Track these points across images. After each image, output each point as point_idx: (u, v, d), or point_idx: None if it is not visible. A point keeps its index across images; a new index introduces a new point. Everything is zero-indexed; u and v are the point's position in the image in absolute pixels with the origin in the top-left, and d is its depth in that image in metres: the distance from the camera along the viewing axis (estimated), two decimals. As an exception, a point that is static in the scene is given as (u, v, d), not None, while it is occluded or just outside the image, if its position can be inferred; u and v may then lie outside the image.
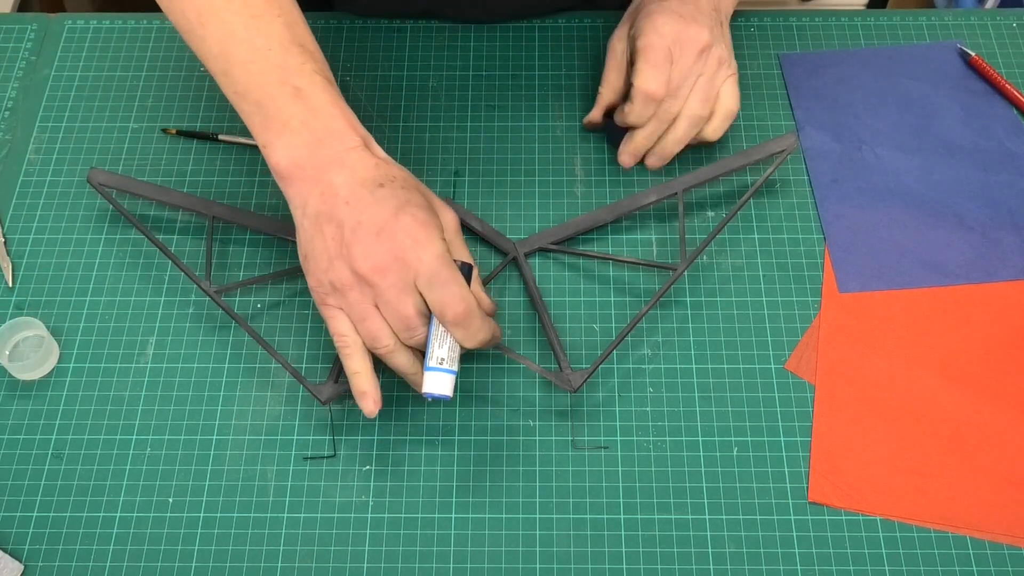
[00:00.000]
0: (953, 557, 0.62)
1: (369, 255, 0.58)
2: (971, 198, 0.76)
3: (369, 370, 0.62)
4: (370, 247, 0.58)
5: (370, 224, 0.59)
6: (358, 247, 0.58)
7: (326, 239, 0.59)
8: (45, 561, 0.63)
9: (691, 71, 0.72)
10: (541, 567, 0.63)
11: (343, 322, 0.61)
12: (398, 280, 0.59)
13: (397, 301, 0.59)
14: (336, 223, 0.59)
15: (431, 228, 0.59)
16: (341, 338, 0.61)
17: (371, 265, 0.58)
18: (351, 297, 0.60)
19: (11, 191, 0.77)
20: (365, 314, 0.60)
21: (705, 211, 0.76)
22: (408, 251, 0.58)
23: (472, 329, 0.60)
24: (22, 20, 0.87)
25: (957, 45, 0.84)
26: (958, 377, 0.68)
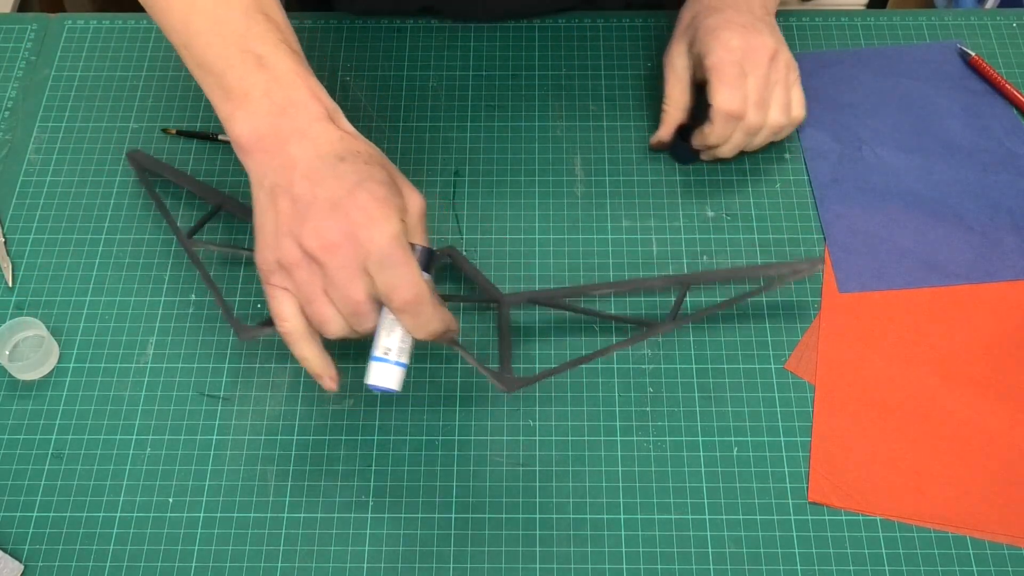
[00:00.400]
0: (953, 557, 0.62)
1: (319, 232, 0.55)
2: (971, 198, 0.76)
3: (318, 353, 0.59)
4: (321, 223, 0.55)
5: (325, 199, 0.55)
6: (309, 223, 0.55)
7: (278, 213, 0.56)
8: (45, 561, 0.63)
9: (767, 82, 0.71)
10: (541, 567, 0.63)
11: (287, 304, 0.58)
12: (348, 260, 0.55)
13: (346, 284, 0.55)
14: (291, 197, 0.56)
15: (389, 207, 0.55)
16: (283, 323, 0.58)
17: (320, 243, 0.55)
18: (298, 277, 0.56)
19: (11, 191, 0.77)
20: (312, 296, 0.56)
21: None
22: (361, 229, 0.54)
23: (422, 318, 0.57)
24: (22, 20, 0.87)
25: (957, 45, 0.84)
26: (958, 377, 0.68)
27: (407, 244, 0.56)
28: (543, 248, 0.74)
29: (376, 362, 0.58)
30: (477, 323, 0.71)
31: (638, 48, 0.84)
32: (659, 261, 0.73)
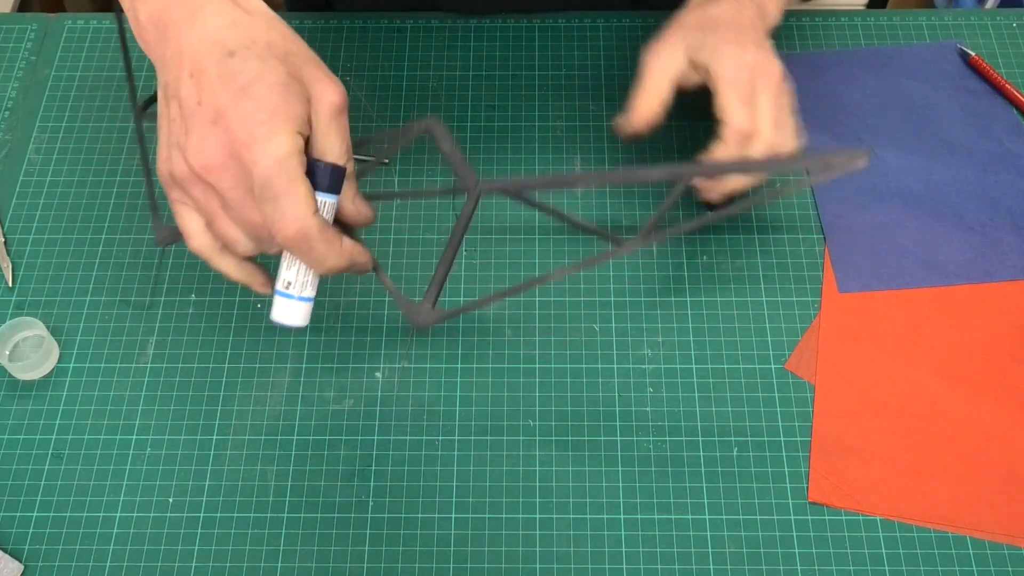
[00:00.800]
0: (953, 557, 0.62)
1: (201, 150, 0.49)
2: (971, 198, 0.76)
3: (234, 265, 0.55)
4: (203, 139, 0.49)
5: (208, 107, 0.49)
6: (192, 137, 0.49)
7: (170, 120, 0.51)
8: (45, 561, 0.63)
9: (779, 103, 0.67)
10: (541, 567, 0.63)
11: (191, 220, 0.53)
12: (237, 183, 0.49)
13: (240, 206, 0.50)
14: (178, 101, 0.50)
15: (276, 119, 0.49)
16: (191, 240, 0.54)
17: (203, 162, 0.49)
18: (194, 194, 0.51)
19: (11, 191, 0.77)
20: (212, 215, 0.52)
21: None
22: (243, 148, 0.48)
23: (315, 255, 0.51)
24: (22, 20, 0.87)
25: (957, 45, 0.84)
26: (958, 377, 0.68)
27: (295, 168, 0.49)
28: (543, 248, 0.74)
29: (278, 296, 0.54)
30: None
31: (638, 48, 0.84)
32: (659, 261, 0.73)
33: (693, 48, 0.68)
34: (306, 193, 0.50)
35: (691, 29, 0.70)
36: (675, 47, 0.69)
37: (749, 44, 0.67)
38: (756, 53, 0.67)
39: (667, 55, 0.69)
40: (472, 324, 0.71)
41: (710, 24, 0.69)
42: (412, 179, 0.78)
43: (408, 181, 0.77)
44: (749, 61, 0.66)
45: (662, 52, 0.69)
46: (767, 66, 0.67)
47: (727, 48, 0.66)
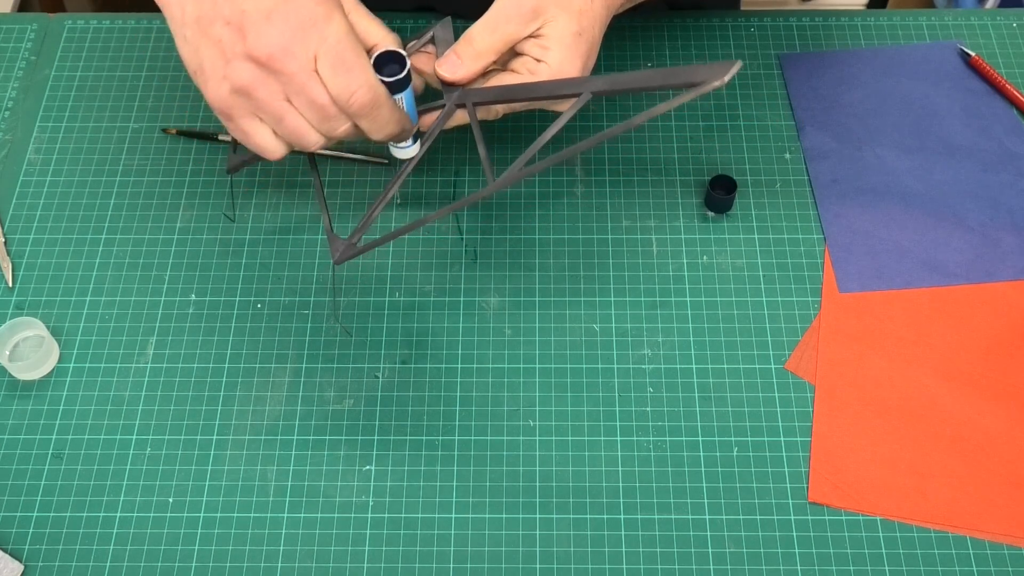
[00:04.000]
0: (953, 557, 0.62)
1: (263, 40, 0.52)
2: (971, 198, 0.76)
3: (342, 133, 0.57)
4: (263, 32, 0.52)
5: (257, 10, 0.53)
6: (250, 35, 0.52)
7: (217, 42, 0.54)
8: (45, 561, 0.63)
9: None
10: (541, 567, 0.63)
11: (262, 133, 0.56)
12: (302, 63, 0.53)
13: (306, 87, 0.53)
14: (222, 20, 0.53)
15: (328, 3, 0.53)
16: (270, 155, 0.57)
17: (268, 50, 0.52)
18: (259, 96, 0.54)
19: (11, 191, 0.77)
20: (280, 112, 0.54)
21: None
22: (308, 29, 0.52)
23: (380, 121, 0.56)
24: (22, 20, 0.87)
25: (957, 45, 0.84)
26: (958, 377, 0.68)
27: (357, 42, 0.54)
28: (543, 248, 0.74)
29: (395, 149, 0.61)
30: (477, 323, 0.71)
31: (638, 48, 0.84)
32: (659, 261, 0.73)
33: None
34: (370, 64, 0.54)
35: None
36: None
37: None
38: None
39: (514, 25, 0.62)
40: (472, 324, 0.71)
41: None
42: (412, 179, 0.78)
43: (408, 180, 0.77)
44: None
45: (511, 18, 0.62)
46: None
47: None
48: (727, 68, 0.57)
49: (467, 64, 0.62)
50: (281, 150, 0.57)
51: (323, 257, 0.74)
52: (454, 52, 0.62)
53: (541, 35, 0.62)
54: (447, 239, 0.75)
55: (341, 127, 0.55)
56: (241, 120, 0.56)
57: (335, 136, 0.56)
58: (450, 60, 0.62)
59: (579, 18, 0.62)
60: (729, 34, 0.85)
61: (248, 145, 0.57)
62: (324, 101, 0.54)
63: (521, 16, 0.61)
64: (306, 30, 0.52)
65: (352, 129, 0.56)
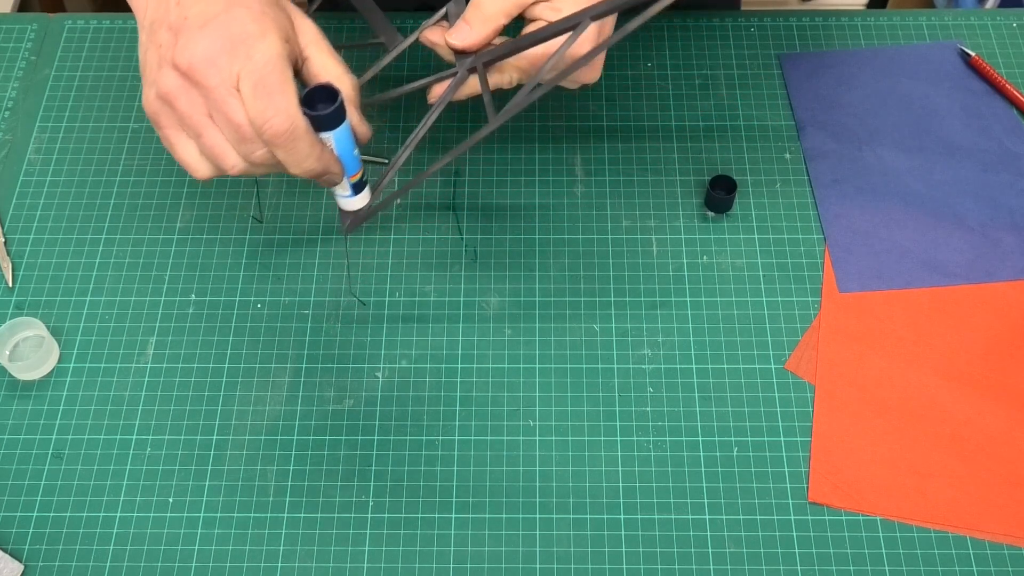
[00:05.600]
0: (953, 557, 0.62)
1: (189, 48, 0.51)
2: (971, 198, 0.76)
3: (267, 165, 0.54)
4: (192, 39, 0.51)
5: (197, 17, 0.52)
6: (180, 41, 0.51)
7: (158, 47, 0.53)
8: (45, 561, 0.63)
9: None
10: (541, 567, 0.63)
11: (187, 148, 0.54)
12: (224, 78, 0.51)
13: (225, 105, 0.51)
14: (166, 25, 0.53)
15: (268, 23, 0.52)
16: (196, 172, 0.55)
17: (191, 60, 0.51)
18: (180, 107, 0.52)
19: (11, 191, 0.77)
20: (199, 127, 0.53)
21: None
22: (237, 45, 0.51)
23: (297, 155, 0.53)
24: (22, 20, 0.87)
25: (957, 45, 0.84)
26: (958, 377, 0.68)
27: (287, 67, 0.52)
28: (543, 248, 0.74)
29: (340, 199, 0.59)
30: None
31: (637, 48, 0.84)
32: (659, 261, 0.73)
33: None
34: (295, 92, 0.52)
35: None
36: None
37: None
38: None
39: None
40: (472, 324, 0.71)
41: None
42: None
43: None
44: None
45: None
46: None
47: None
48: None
49: (476, 29, 0.60)
50: (205, 169, 0.55)
51: (323, 257, 0.74)
52: (463, 19, 0.61)
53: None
54: (447, 239, 0.75)
55: (258, 152, 0.53)
56: (167, 129, 0.54)
57: (253, 160, 0.54)
58: (459, 27, 0.61)
59: None
60: (729, 34, 0.85)
61: (175, 158, 0.56)
62: (240, 120, 0.52)
63: None
64: (235, 46, 0.51)
65: (270, 156, 0.54)
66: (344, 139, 0.56)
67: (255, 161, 0.54)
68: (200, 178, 0.55)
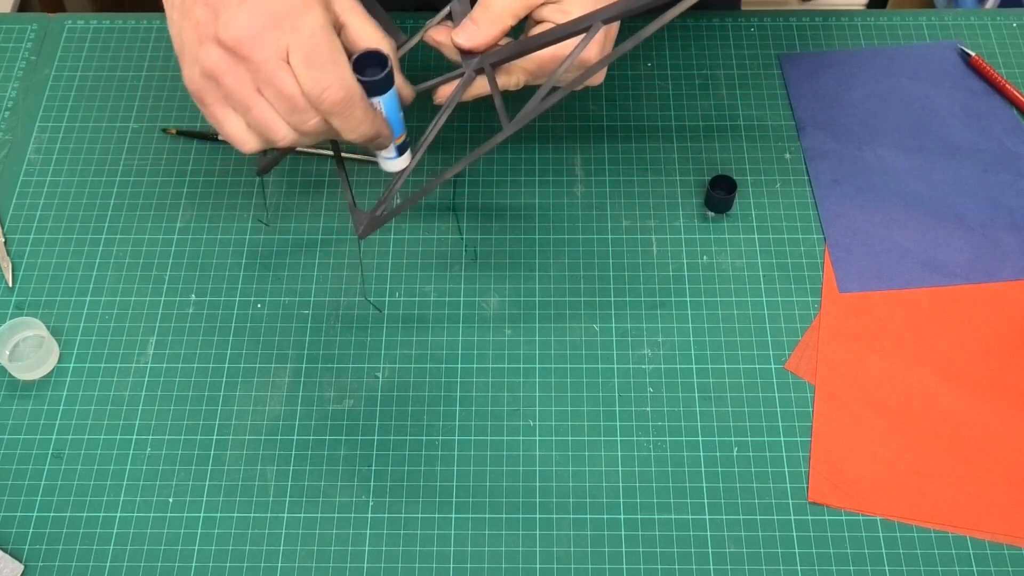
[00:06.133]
0: (953, 557, 0.62)
1: (233, 23, 0.51)
2: (971, 198, 0.76)
3: (318, 131, 0.55)
4: (235, 15, 0.51)
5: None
6: (222, 17, 0.51)
7: (195, 24, 0.52)
8: (45, 561, 0.63)
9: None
10: (541, 567, 0.63)
11: (234, 122, 0.54)
12: (272, 51, 0.51)
13: (275, 78, 0.51)
14: (202, 3, 0.52)
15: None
16: (243, 146, 0.55)
17: (237, 35, 0.51)
18: (227, 83, 0.52)
19: (11, 191, 0.77)
20: (248, 101, 0.52)
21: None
22: (282, 18, 0.51)
23: (352, 121, 0.53)
24: (22, 20, 0.87)
25: (957, 45, 0.84)
26: (958, 377, 0.68)
27: (334, 37, 0.52)
28: (543, 248, 0.74)
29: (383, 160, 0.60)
30: (477, 323, 0.71)
31: (638, 48, 0.84)
32: (659, 261, 0.73)
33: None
34: (347, 60, 0.52)
35: None
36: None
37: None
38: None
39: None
40: (472, 324, 0.71)
41: None
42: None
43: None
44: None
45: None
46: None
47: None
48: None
49: (484, 29, 0.60)
50: (253, 142, 0.55)
51: (323, 257, 0.74)
52: (470, 19, 0.60)
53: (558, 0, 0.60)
54: (447, 239, 0.75)
55: (310, 121, 0.53)
56: (213, 106, 0.54)
57: (305, 130, 0.54)
58: (467, 27, 0.60)
59: None
60: (729, 34, 0.85)
61: (221, 134, 0.56)
62: (292, 92, 0.52)
63: None
64: (280, 19, 0.51)
65: (322, 124, 0.54)
66: (392, 102, 0.58)
67: (307, 131, 0.54)
68: (247, 151, 0.55)
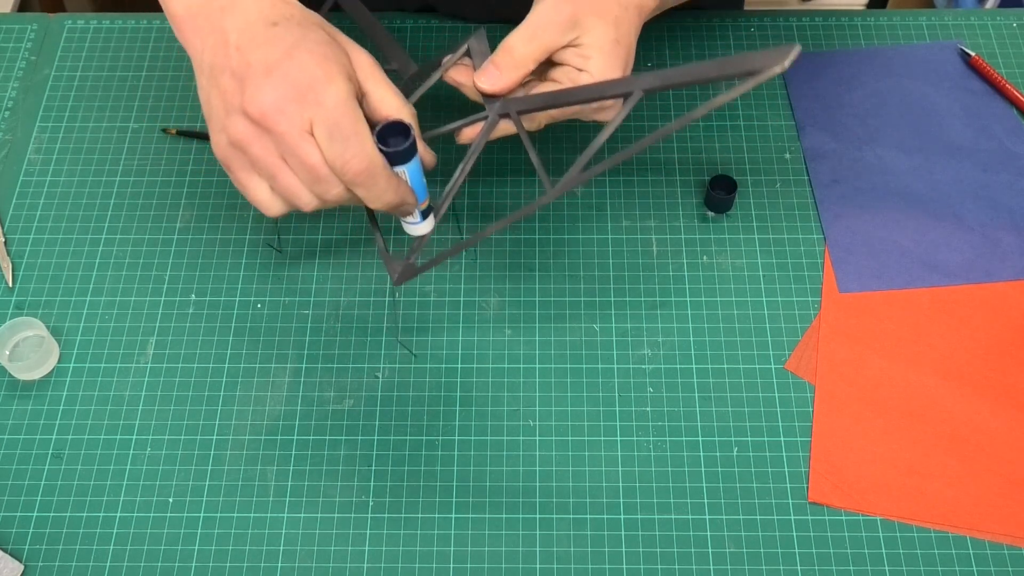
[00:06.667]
0: (953, 557, 0.62)
1: (259, 97, 0.52)
2: (971, 198, 0.76)
3: (342, 200, 0.56)
4: (260, 88, 0.52)
5: (260, 64, 0.52)
6: (248, 89, 0.52)
7: (222, 93, 0.54)
8: (45, 561, 0.63)
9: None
10: (541, 567, 0.63)
11: (260, 188, 0.56)
12: (296, 124, 0.52)
13: (298, 149, 0.52)
14: (229, 72, 0.53)
15: (332, 64, 0.53)
16: (269, 210, 0.56)
17: (261, 108, 0.52)
18: (253, 152, 0.54)
19: (11, 191, 0.77)
20: (273, 169, 0.54)
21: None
22: (305, 92, 0.52)
23: (376, 190, 0.54)
24: (22, 20, 0.87)
25: (957, 45, 0.84)
26: (958, 377, 0.68)
27: (356, 108, 0.53)
28: (543, 248, 0.74)
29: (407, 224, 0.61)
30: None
31: (638, 48, 0.84)
32: (659, 261, 0.73)
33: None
34: (369, 131, 0.53)
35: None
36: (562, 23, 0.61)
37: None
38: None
39: (554, 31, 0.61)
40: (472, 324, 0.71)
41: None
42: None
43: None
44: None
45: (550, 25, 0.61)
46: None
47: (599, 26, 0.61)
48: (786, 53, 0.54)
49: (506, 75, 0.61)
50: (278, 207, 0.57)
51: (323, 257, 0.74)
52: (492, 63, 0.61)
53: (580, 44, 0.61)
54: (447, 239, 0.75)
55: (334, 190, 0.54)
56: (239, 172, 0.56)
57: (329, 199, 0.55)
58: (489, 71, 0.61)
59: (616, 26, 0.61)
60: (729, 34, 0.85)
61: (248, 198, 0.57)
62: (315, 163, 0.53)
63: (559, 24, 0.60)
64: (303, 92, 0.52)
65: (346, 194, 0.55)
66: (415, 170, 0.58)
67: (330, 199, 0.55)
68: (272, 215, 0.57)
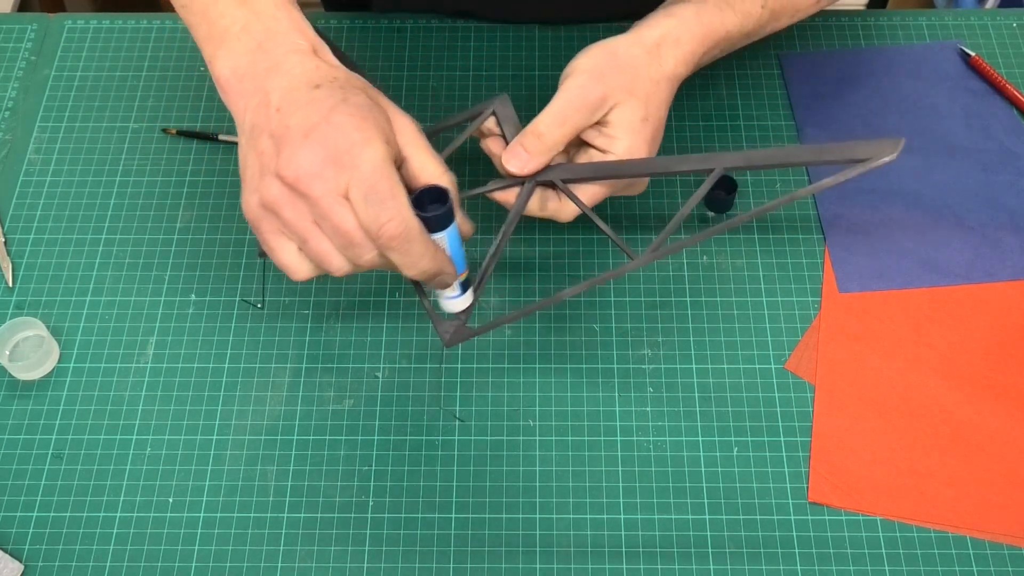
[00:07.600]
0: (953, 557, 0.62)
1: (295, 160, 0.51)
2: (971, 198, 0.76)
3: (372, 266, 0.55)
4: (296, 151, 0.51)
5: (299, 127, 0.52)
6: (284, 152, 0.52)
7: (260, 154, 0.53)
8: (45, 561, 0.63)
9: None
10: (541, 567, 0.63)
11: (289, 251, 0.55)
12: (330, 188, 0.51)
13: (332, 213, 0.51)
14: (268, 134, 0.53)
15: (370, 128, 0.52)
16: (295, 274, 0.55)
17: (297, 172, 0.51)
18: (285, 215, 0.53)
19: (11, 191, 0.77)
20: (305, 233, 0.53)
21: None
22: (342, 155, 0.51)
23: (412, 256, 0.53)
24: (22, 20, 0.87)
25: (957, 45, 0.84)
26: (958, 377, 0.68)
27: (393, 172, 0.52)
28: (543, 248, 0.74)
29: (445, 300, 0.59)
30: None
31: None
32: (659, 261, 0.73)
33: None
34: (406, 195, 0.52)
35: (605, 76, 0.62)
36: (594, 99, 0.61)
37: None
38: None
39: (583, 111, 0.61)
40: (472, 324, 0.71)
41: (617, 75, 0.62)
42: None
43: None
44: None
45: (581, 105, 0.61)
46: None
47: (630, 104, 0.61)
48: (895, 145, 0.54)
49: (536, 158, 0.60)
50: (306, 271, 0.55)
51: (323, 257, 0.74)
52: (521, 146, 0.60)
53: (607, 123, 0.61)
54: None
55: (367, 255, 0.53)
56: (268, 234, 0.55)
57: (361, 264, 0.54)
58: (517, 154, 0.60)
59: (646, 103, 0.61)
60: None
61: (275, 261, 0.56)
62: (349, 227, 0.52)
63: (589, 105, 0.60)
64: (340, 156, 0.51)
65: (380, 258, 0.54)
66: (454, 238, 0.57)
67: (363, 264, 0.54)
68: (299, 279, 0.56)
